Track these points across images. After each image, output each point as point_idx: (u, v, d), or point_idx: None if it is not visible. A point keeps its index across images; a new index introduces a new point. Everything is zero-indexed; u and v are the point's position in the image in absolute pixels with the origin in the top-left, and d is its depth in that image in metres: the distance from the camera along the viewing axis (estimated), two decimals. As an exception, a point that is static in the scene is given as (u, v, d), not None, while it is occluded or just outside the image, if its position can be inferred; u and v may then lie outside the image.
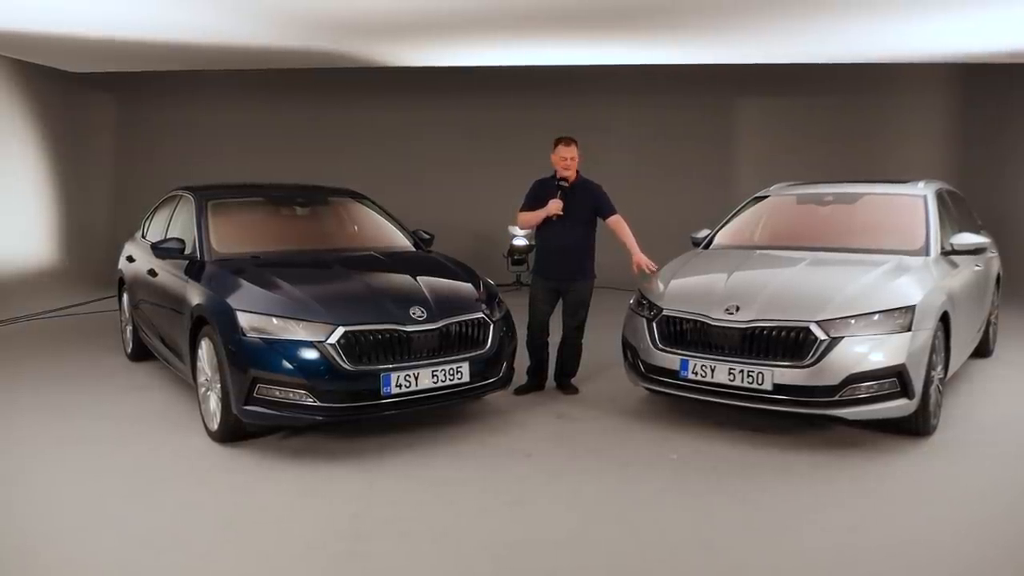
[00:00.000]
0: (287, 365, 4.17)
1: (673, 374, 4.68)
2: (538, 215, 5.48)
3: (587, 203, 5.47)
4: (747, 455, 4.39)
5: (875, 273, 4.70)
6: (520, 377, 5.46)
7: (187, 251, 5.18)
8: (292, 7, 7.51)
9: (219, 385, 4.42)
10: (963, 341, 5.32)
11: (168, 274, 5.37)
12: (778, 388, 4.30)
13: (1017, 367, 6.43)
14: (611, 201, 5.54)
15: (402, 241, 5.93)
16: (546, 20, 8.11)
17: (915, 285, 4.57)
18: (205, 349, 4.60)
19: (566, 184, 5.45)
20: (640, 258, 5.43)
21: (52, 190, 11.31)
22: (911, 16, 7.70)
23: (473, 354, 4.61)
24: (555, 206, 5.39)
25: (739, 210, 6.22)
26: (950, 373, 5.02)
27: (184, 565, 3.20)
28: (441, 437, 4.70)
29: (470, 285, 5.06)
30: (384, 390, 4.25)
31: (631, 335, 5.06)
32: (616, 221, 5.52)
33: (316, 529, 3.51)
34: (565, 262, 5.47)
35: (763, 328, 4.39)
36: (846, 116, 11.37)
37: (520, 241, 10.48)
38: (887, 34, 8.62)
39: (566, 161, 5.42)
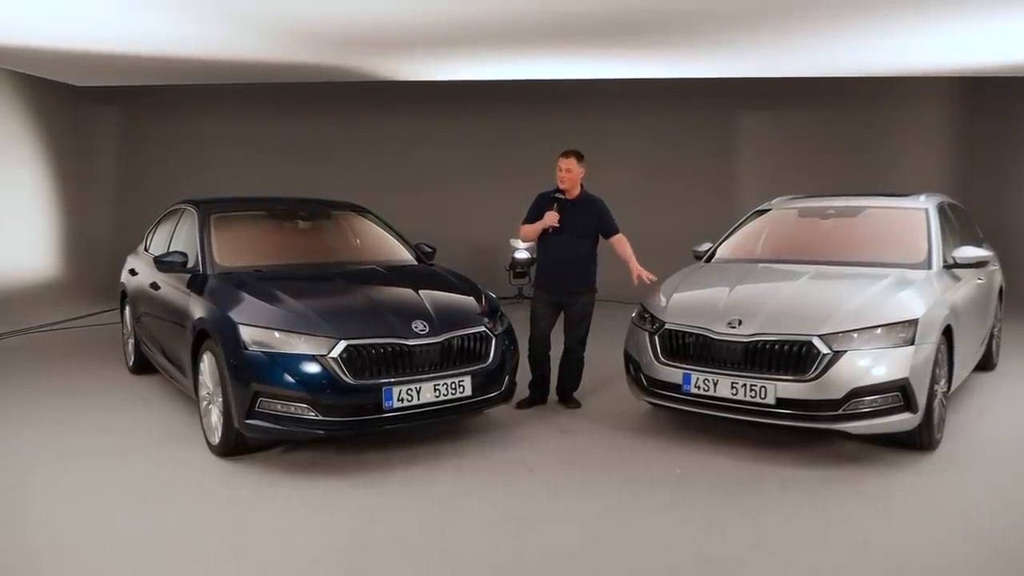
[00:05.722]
0: (289, 379, 4.17)
1: (676, 388, 4.66)
2: (536, 227, 5.49)
3: (589, 218, 5.48)
4: (750, 470, 4.37)
5: (877, 287, 4.69)
6: (522, 391, 5.45)
7: (189, 264, 5.19)
8: (295, 22, 7.56)
9: (221, 399, 4.41)
10: (966, 355, 5.31)
11: (170, 287, 5.37)
12: (781, 402, 4.29)
13: (1020, 380, 6.41)
14: (614, 219, 5.55)
15: (404, 254, 5.94)
16: (549, 35, 8.15)
17: (918, 299, 4.57)
18: (207, 362, 4.60)
19: (562, 196, 5.46)
20: (639, 270, 5.43)
21: (56, 203, 11.35)
22: (913, 30, 7.74)
23: (475, 368, 4.60)
24: (550, 218, 5.40)
25: (741, 223, 6.22)
26: (953, 387, 5.00)
27: (185, 581, 3.19)
28: (443, 451, 4.69)
29: (472, 299, 5.06)
30: (386, 404, 4.24)
31: (633, 349, 5.05)
32: (619, 240, 5.53)
33: (317, 544, 3.49)
34: (564, 275, 5.47)
35: (765, 342, 4.38)
36: (848, 129, 11.40)
37: (522, 254, 10.48)
38: (889, 48, 8.66)
39: (561, 173, 5.44)
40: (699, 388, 4.54)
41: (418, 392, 4.33)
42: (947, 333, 4.68)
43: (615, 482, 4.25)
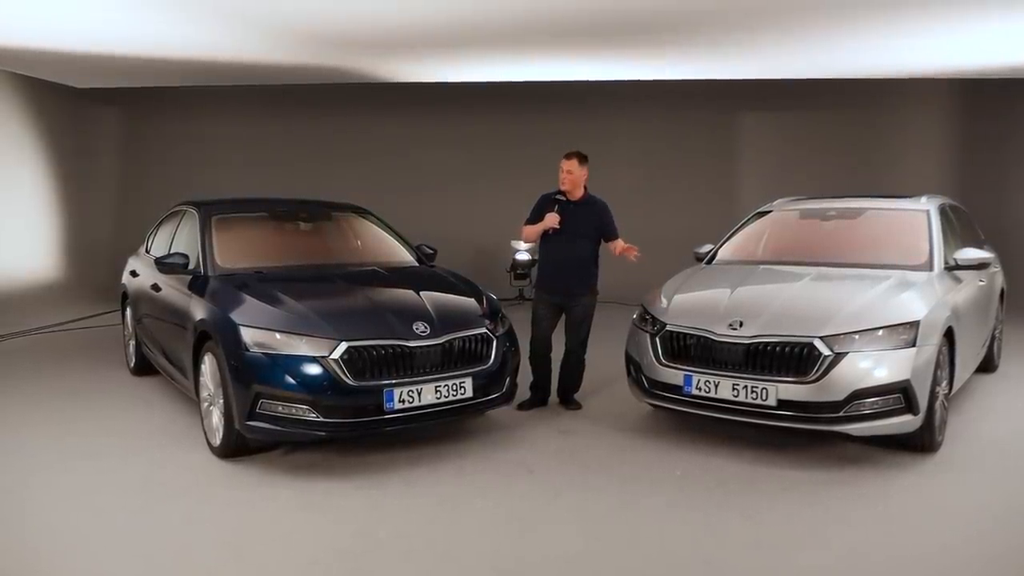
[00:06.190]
0: (290, 380, 4.17)
1: (677, 390, 4.66)
2: (537, 229, 5.50)
3: (590, 220, 5.48)
4: (751, 471, 4.37)
5: (879, 288, 4.69)
6: (523, 392, 5.45)
7: (191, 266, 5.19)
8: (295, 23, 7.56)
9: (222, 400, 4.41)
10: (968, 356, 5.30)
11: (172, 289, 5.38)
12: (782, 404, 4.28)
13: (1022, 382, 6.40)
14: (614, 223, 5.55)
15: (405, 256, 5.94)
16: (550, 36, 8.15)
17: (919, 300, 4.57)
18: (208, 364, 4.60)
19: (563, 198, 5.47)
20: (622, 246, 5.44)
21: (57, 204, 11.36)
22: (913, 32, 7.74)
23: (476, 369, 4.60)
24: (551, 220, 5.40)
25: (742, 225, 6.22)
26: (955, 389, 5.00)
27: (186, 582, 3.19)
28: (444, 453, 4.68)
29: (473, 300, 5.06)
30: (387, 405, 4.24)
31: (634, 350, 5.05)
32: (615, 244, 5.54)
33: (318, 546, 3.49)
34: (565, 277, 5.47)
35: (767, 343, 4.38)
36: (849, 131, 11.41)
37: (523, 256, 10.49)
38: (889, 50, 8.66)
39: (563, 174, 5.45)
40: (700, 390, 4.54)
41: (419, 393, 4.32)
42: (948, 335, 4.68)
43: (616, 483, 4.25)
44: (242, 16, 7.25)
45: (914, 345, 4.29)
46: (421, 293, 4.88)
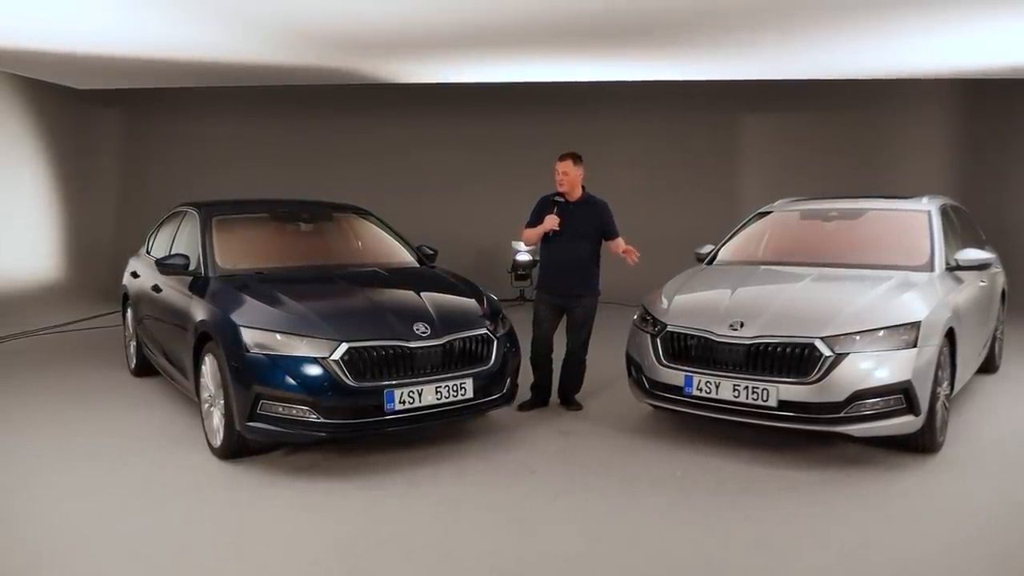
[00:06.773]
0: (291, 381, 4.17)
1: (677, 390, 4.66)
2: (537, 231, 5.50)
3: (591, 220, 5.47)
4: (752, 472, 4.36)
5: (880, 289, 4.69)
6: (524, 393, 5.45)
7: (191, 267, 5.19)
8: (297, 25, 7.56)
9: (222, 401, 4.41)
10: (969, 357, 5.30)
11: (172, 290, 5.38)
12: (783, 405, 4.28)
13: (1023, 383, 6.39)
14: (615, 223, 5.55)
15: (406, 257, 5.94)
16: (551, 37, 8.15)
17: (920, 301, 4.56)
18: (209, 365, 4.60)
19: (562, 199, 5.46)
20: (623, 247, 5.45)
21: (58, 206, 11.37)
22: (914, 32, 7.74)
23: (477, 370, 4.60)
24: (550, 222, 5.39)
25: (743, 225, 6.21)
26: (956, 389, 5.00)
27: (186, 583, 3.19)
28: (445, 454, 4.68)
29: (474, 301, 5.06)
30: (388, 406, 4.24)
31: (635, 351, 5.05)
32: (616, 244, 5.54)
33: (319, 547, 3.49)
34: (566, 278, 5.46)
35: (768, 344, 4.37)
36: (850, 131, 11.40)
37: (523, 256, 10.50)
38: (891, 50, 8.66)
39: (559, 176, 5.45)
40: (701, 390, 4.54)
41: (420, 394, 4.32)
42: (949, 335, 4.67)
43: (616, 484, 4.25)
44: (242, 17, 7.25)
45: (915, 346, 4.28)
46: (422, 294, 4.88)
